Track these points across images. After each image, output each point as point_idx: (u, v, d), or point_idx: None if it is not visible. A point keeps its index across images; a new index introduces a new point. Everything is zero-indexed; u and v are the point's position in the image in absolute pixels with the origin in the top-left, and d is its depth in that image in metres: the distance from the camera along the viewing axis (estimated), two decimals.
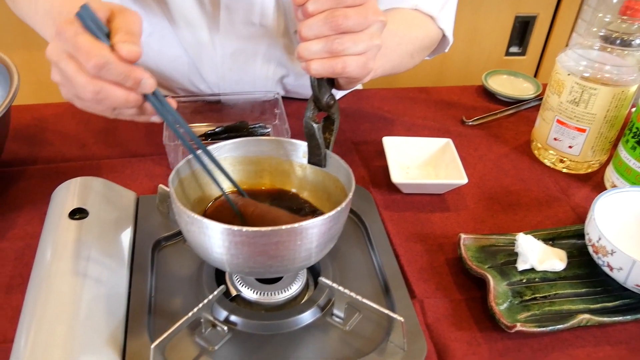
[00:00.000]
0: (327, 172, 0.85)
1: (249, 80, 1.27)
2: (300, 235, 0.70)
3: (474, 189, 1.09)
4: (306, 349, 0.77)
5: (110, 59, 0.67)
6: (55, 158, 1.14)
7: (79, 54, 0.68)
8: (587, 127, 1.07)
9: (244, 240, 0.69)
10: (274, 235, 0.68)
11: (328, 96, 0.81)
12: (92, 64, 0.67)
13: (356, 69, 0.78)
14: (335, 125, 0.84)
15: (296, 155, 0.87)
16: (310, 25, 0.75)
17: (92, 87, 0.69)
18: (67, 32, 0.68)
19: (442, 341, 0.82)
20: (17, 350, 0.72)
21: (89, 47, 0.67)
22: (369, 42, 0.78)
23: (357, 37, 0.77)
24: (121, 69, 0.68)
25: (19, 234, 0.96)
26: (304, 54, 0.76)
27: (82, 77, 0.69)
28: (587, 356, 0.81)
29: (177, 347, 0.77)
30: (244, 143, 0.87)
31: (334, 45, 0.75)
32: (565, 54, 1.08)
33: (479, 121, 1.29)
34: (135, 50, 0.68)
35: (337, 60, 0.76)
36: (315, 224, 0.70)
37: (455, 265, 0.93)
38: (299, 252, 0.72)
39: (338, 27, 0.75)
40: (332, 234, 0.75)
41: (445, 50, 1.25)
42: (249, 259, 0.72)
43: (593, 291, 0.89)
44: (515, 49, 2.43)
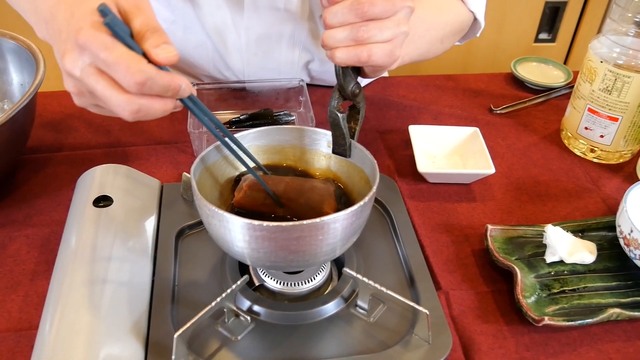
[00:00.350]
0: (352, 163, 0.84)
1: (274, 66, 1.26)
2: (322, 230, 0.68)
3: (502, 179, 1.08)
4: (329, 341, 0.77)
5: (152, 74, 0.60)
6: (81, 145, 1.14)
7: (114, 70, 0.60)
8: (619, 115, 1.05)
9: (265, 235, 0.68)
10: (295, 230, 0.67)
11: (353, 85, 0.80)
12: (134, 82, 0.59)
13: (382, 57, 0.76)
14: (361, 114, 0.83)
15: (320, 144, 0.86)
16: (335, 12, 0.73)
17: (130, 107, 0.62)
18: (94, 45, 0.60)
19: (468, 334, 0.81)
20: (42, 336, 0.72)
21: (128, 63, 0.59)
22: (395, 29, 0.76)
23: (383, 24, 0.74)
24: (163, 81, 0.61)
25: (45, 221, 0.97)
26: (329, 42, 0.75)
27: (118, 96, 0.61)
28: (616, 351, 0.80)
29: (199, 336, 0.76)
30: (267, 132, 0.86)
31: (360, 32, 0.73)
32: (598, 40, 1.06)
33: (508, 109, 1.27)
34: (173, 52, 0.62)
35: (363, 49, 0.74)
36: (337, 219, 0.68)
37: (482, 256, 0.92)
38: (321, 247, 0.71)
39: (364, 15, 0.73)
40: (355, 228, 0.74)
41: (477, 34, 1.22)
42: (270, 254, 0.71)
43: (624, 285, 0.87)
44: (545, 36, 2.39)
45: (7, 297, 0.84)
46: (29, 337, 0.78)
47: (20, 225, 0.95)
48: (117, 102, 0.61)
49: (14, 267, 0.88)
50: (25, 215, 0.97)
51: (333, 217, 0.68)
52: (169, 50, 0.62)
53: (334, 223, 0.69)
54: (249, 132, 0.85)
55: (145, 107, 0.62)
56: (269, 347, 0.76)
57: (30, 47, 1.04)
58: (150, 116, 0.64)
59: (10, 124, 0.90)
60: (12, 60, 1.10)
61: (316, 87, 1.32)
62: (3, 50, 1.09)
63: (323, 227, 0.68)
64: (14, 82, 1.12)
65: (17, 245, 0.92)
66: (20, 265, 0.89)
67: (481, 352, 0.78)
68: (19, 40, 1.06)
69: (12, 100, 1.11)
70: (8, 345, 0.78)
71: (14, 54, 1.09)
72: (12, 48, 1.08)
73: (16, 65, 1.10)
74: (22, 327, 0.80)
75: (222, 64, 1.28)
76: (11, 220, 0.96)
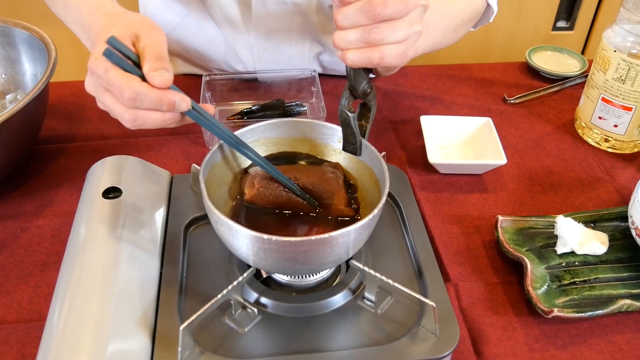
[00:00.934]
0: (362, 161, 0.84)
1: (285, 59, 1.26)
2: (330, 244, 0.69)
3: (514, 170, 1.07)
4: (336, 333, 0.77)
5: (141, 90, 0.69)
6: (93, 135, 1.14)
7: (112, 89, 0.71)
8: (633, 105, 1.03)
9: (273, 247, 0.69)
10: (304, 244, 0.68)
11: (365, 84, 0.78)
12: (126, 97, 0.69)
13: (395, 58, 0.74)
14: (372, 112, 0.82)
15: (331, 139, 0.87)
16: (346, 13, 0.72)
17: (128, 116, 0.72)
18: (98, 70, 0.71)
19: (477, 326, 0.81)
20: (50, 327, 0.73)
21: (119, 82, 0.70)
22: (408, 30, 0.74)
23: (395, 25, 0.73)
24: (153, 96, 0.70)
25: (56, 212, 0.97)
26: (340, 44, 0.74)
27: (119, 108, 0.72)
28: (627, 343, 0.79)
29: (207, 328, 0.77)
30: (279, 124, 0.86)
31: (371, 35, 0.72)
32: (612, 29, 1.04)
33: (521, 99, 1.26)
34: (167, 78, 0.70)
35: (375, 51, 0.73)
36: (347, 233, 0.69)
37: (492, 248, 0.91)
38: (327, 258, 0.72)
39: (376, 17, 0.71)
40: (363, 238, 0.75)
41: (490, 20, 1.20)
42: (277, 263, 0.73)
43: (635, 275, 0.86)
44: (563, 24, 2.36)
45: (18, 287, 0.85)
46: (39, 328, 0.78)
47: (32, 216, 0.96)
48: (119, 112, 0.73)
49: (25, 258, 0.89)
50: (37, 206, 0.98)
51: (341, 232, 0.68)
52: (164, 76, 0.71)
53: (342, 237, 0.69)
54: (260, 124, 0.85)
55: (141, 118, 0.72)
56: (275, 339, 0.76)
57: (43, 38, 1.05)
58: (150, 125, 0.74)
59: (23, 115, 0.91)
60: (25, 50, 1.11)
61: (328, 78, 1.31)
62: (16, 40, 1.10)
63: (331, 242, 0.69)
64: (27, 72, 1.12)
65: (28, 236, 0.93)
66: (31, 256, 0.89)
67: (490, 344, 0.78)
68: (31, 31, 1.07)
69: (25, 91, 1.12)
70: (18, 336, 0.79)
71: (27, 44, 1.09)
72: (25, 38, 1.09)
73: (29, 56, 1.11)
74: (32, 318, 0.81)
75: (233, 59, 1.28)
76: (23, 211, 0.97)
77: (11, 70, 1.13)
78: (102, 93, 0.73)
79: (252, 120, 0.85)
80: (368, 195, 0.83)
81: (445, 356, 0.73)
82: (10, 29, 1.09)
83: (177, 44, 1.29)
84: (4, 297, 0.84)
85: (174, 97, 0.71)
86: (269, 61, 1.26)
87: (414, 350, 0.73)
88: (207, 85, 1.18)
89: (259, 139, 0.86)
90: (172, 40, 1.29)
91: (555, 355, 0.77)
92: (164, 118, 0.73)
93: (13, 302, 0.83)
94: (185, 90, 0.74)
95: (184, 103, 0.72)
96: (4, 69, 1.13)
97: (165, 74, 0.71)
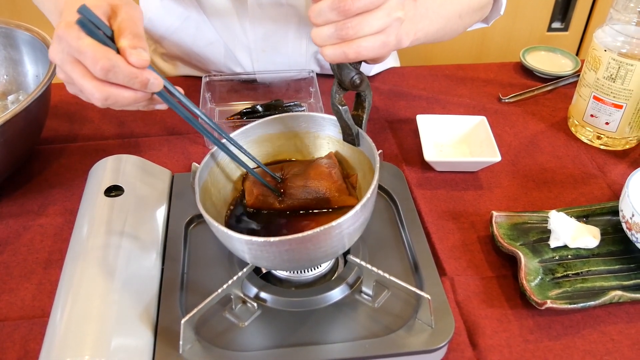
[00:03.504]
0: (361, 152, 0.84)
1: (283, 59, 1.27)
2: (325, 237, 0.69)
3: (509, 167, 1.08)
4: (335, 326, 0.78)
5: (117, 62, 0.66)
6: (94, 135, 1.16)
7: (83, 58, 0.66)
8: (624, 103, 1.05)
9: (268, 248, 0.69)
10: (296, 241, 0.68)
11: (353, 76, 0.77)
12: (99, 67, 0.65)
13: (373, 50, 0.73)
14: (367, 102, 0.82)
15: (332, 130, 0.87)
16: (318, 10, 0.70)
17: (99, 93, 0.68)
18: (69, 37, 0.66)
19: (472, 318, 0.82)
20: (53, 324, 0.74)
21: (94, 51, 0.65)
22: (386, 19, 0.72)
23: (371, 17, 0.71)
24: (128, 71, 0.66)
25: (58, 210, 0.99)
26: (316, 41, 0.72)
27: (88, 82, 0.68)
28: (619, 333, 0.81)
29: (207, 322, 0.78)
30: (279, 120, 0.87)
31: (344, 30, 0.70)
32: (603, 30, 1.06)
33: (516, 98, 1.28)
34: (145, 58, 0.67)
35: (350, 45, 0.71)
36: (340, 224, 0.68)
37: (487, 243, 0.93)
38: (325, 250, 0.72)
39: (347, 12, 0.69)
40: (357, 227, 0.74)
41: (501, 12, 1.18)
42: (273, 261, 0.73)
43: (627, 268, 0.88)
44: (558, 25, 2.38)
45: (21, 285, 0.86)
46: (42, 324, 0.80)
47: (35, 215, 0.97)
48: (89, 88, 0.68)
49: (28, 256, 0.90)
50: (39, 205, 0.99)
51: (334, 224, 0.67)
52: (142, 55, 0.67)
53: (335, 229, 0.69)
54: (262, 120, 0.86)
55: (114, 95, 0.68)
56: (275, 333, 0.77)
57: (45, 39, 1.06)
58: (120, 104, 0.70)
59: (25, 115, 0.92)
60: (27, 52, 1.12)
61: (327, 77, 1.32)
62: (18, 41, 1.12)
63: (325, 235, 0.68)
64: (29, 73, 1.14)
65: (31, 235, 0.94)
66: (34, 254, 0.91)
67: (485, 336, 0.80)
68: (34, 32, 1.08)
69: (27, 92, 1.13)
70: (21, 333, 0.80)
71: (29, 45, 1.11)
72: (28, 40, 1.10)
73: (31, 57, 1.12)
74: (35, 315, 0.82)
75: (233, 61, 1.29)
76: (26, 210, 0.98)
77: (13, 71, 1.14)
78: (71, 63, 0.68)
79: (251, 120, 0.86)
80: (368, 186, 0.83)
81: (441, 347, 0.75)
82: (12, 31, 1.10)
83: (177, 46, 1.30)
84: (7, 295, 0.85)
85: (148, 75, 0.68)
86: (267, 62, 1.27)
87: (411, 341, 0.75)
88: (207, 86, 1.19)
89: (261, 135, 0.87)
90: (172, 43, 1.30)
91: (549, 345, 0.79)
92: (135, 98, 0.69)
93: (16, 300, 0.84)
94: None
95: (157, 82, 0.69)
96: (6, 70, 1.15)
97: (143, 53, 0.67)
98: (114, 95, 0.68)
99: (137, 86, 0.68)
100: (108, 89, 0.68)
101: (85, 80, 0.68)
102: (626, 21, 1.01)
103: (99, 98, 0.68)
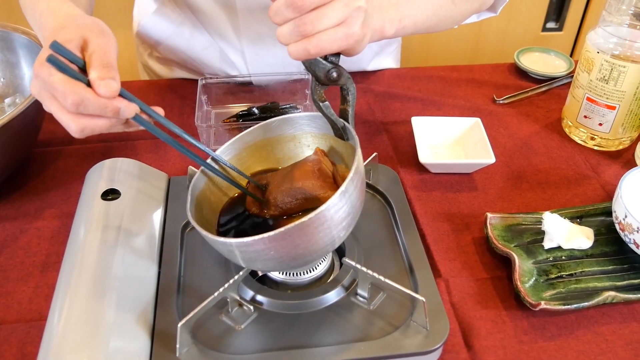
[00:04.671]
0: (351, 146, 0.82)
1: (277, 61, 1.27)
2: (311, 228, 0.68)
3: (503, 168, 1.09)
4: (330, 328, 0.78)
5: (86, 96, 0.67)
6: (91, 138, 1.15)
7: (56, 94, 0.69)
8: (616, 104, 1.06)
9: (256, 247, 0.68)
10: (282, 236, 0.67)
11: (329, 70, 0.76)
12: (70, 102, 0.67)
13: (335, 42, 0.72)
14: (351, 95, 0.80)
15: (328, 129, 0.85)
16: (275, 9, 0.70)
17: (75, 126, 0.70)
18: (42, 74, 0.69)
19: (467, 320, 0.83)
20: (50, 326, 0.74)
21: (63, 87, 0.67)
22: (344, 9, 0.71)
23: (327, 9, 0.70)
24: (98, 103, 0.68)
25: (55, 213, 0.99)
26: (280, 40, 0.72)
27: (65, 115, 0.70)
28: (612, 333, 0.81)
29: (204, 325, 0.78)
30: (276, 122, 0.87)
31: (301, 27, 0.70)
32: (595, 32, 1.07)
33: (510, 99, 1.28)
34: (114, 87, 0.68)
35: (310, 41, 0.70)
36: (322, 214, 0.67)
37: (482, 244, 0.94)
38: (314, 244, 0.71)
39: (301, 8, 0.69)
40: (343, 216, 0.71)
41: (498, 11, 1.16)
42: (266, 261, 0.72)
43: (620, 268, 0.89)
44: (552, 25, 2.39)
45: (18, 288, 0.87)
46: (39, 327, 0.80)
47: (32, 218, 0.98)
48: (65, 121, 0.71)
49: (25, 259, 0.91)
50: (36, 208, 1.00)
51: (317, 212, 0.66)
52: (111, 86, 0.68)
53: (319, 219, 0.68)
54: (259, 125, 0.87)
55: (89, 126, 0.71)
56: (271, 336, 0.78)
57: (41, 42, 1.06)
58: (97, 132, 0.72)
59: (22, 118, 0.93)
60: (24, 55, 1.12)
61: None
62: (15, 45, 1.12)
63: (310, 226, 0.68)
64: (25, 76, 1.14)
65: (28, 238, 0.94)
66: (31, 257, 0.91)
67: (480, 337, 0.80)
68: (30, 36, 1.09)
69: (24, 95, 1.13)
70: (18, 336, 0.80)
71: (26, 48, 1.11)
72: (25, 43, 1.10)
73: (28, 60, 1.12)
74: (32, 318, 0.83)
75: (228, 65, 1.29)
76: (23, 213, 0.99)
77: (10, 74, 1.14)
78: (48, 99, 0.71)
79: (248, 123, 0.86)
80: None
81: (436, 349, 0.75)
82: (9, 34, 1.11)
83: (172, 51, 1.30)
84: (4, 298, 0.85)
85: (118, 104, 0.69)
86: (262, 65, 1.28)
87: (406, 343, 0.75)
88: (203, 89, 1.20)
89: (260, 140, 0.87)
90: (167, 48, 1.30)
91: (543, 346, 0.80)
92: (110, 123, 0.71)
93: (13, 303, 0.85)
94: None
95: (129, 110, 0.70)
96: (3, 72, 1.15)
97: (112, 83, 0.68)
98: (89, 126, 0.70)
99: (110, 115, 0.69)
100: (82, 121, 0.70)
101: (62, 114, 0.70)
102: (618, 23, 1.02)
103: (75, 130, 0.71)
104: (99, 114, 0.69)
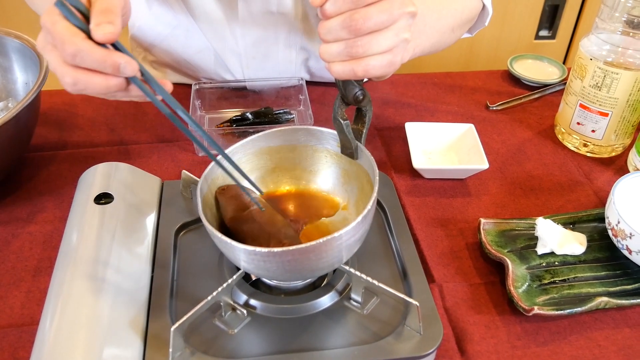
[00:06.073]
0: (360, 165, 0.85)
1: (273, 66, 1.28)
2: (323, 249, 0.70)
3: (496, 174, 1.09)
4: (324, 333, 0.78)
5: (83, 46, 0.64)
6: (84, 143, 1.16)
7: (57, 43, 0.65)
8: (609, 111, 1.06)
9: (271, 259, 0.70)
10: (299, 252, 0.69)
11: (356, 92, 0.79)
12: (67, 52, 0.64)
13: (380, 69, 0.74)
14: (367, 117, 0.83)
15: (330, 144, 0.88)
16: (328, 28, 0.71)
17: (69, 78, 0.67)
18: (47, 22, 0.66)
19: (461, 325, 0.83)
20: (43, 331, 0.74)
21: (63, 35, 0.64)
22: (394, 39, 0.73)
23: (380, 36, 0.72)
24: (96, 55, 0.64)
25: (48, 218, 0.99)
26: (325, 57, 0.73)
27: (61, 67, 0.67)
28: (605, 338, 0.82)
29: (197, 329, 0.78)
30: (281, 132, 0.88)
31: (354, 49, 0.71)
32: (588, 39, 1.07)
33: (503, 106, 1.29)
34: (110, 31, 0.64)
35: (359, 63, 0.72)
36: (340, 236, 0.70)
37: (475, 249, 0.94)
38: (324, 262, 0.73)
39: (358, 31, 0.70)
40: (357, 239, 0.75)
41: (485, 23, 1.19)
42: (275, 271, 0.74)
43: (613, 274, 0.89)
44: (545, 33, 2.40)
45: (9, 293, 0.86)
46: (31, 332, 0.80)
47: (24, 223, 0.97)
48: (60, 72, 0.67)
49: (17, 264, 0.90)
50: (28, 212, 0.99)
51: (336, 235, 0.69)
52: (106, 29, 0.64)
53: (337, 240, 0.70)
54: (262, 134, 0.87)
55: (83, 81, 0.66)
56: (265, 340, 0.78)
57: (34, 47, 1.06)
58: (91, 90, 0.67)
59: (15, 122, 0.92)
60: (17, 59, 1.12)
61: (316, 85, 1.33)
62: (8, 49, 1.11)
63: (326, 246, 0.70)
64: (18, 81, 1.14)
65: (20, 242, 0.94)
66: (23, 262, 0.91)
67: (474, 342, 0.80)
68: (23, 40, 1.08)
69: (16, 99, 1.13)
70: (10, 341, 0.80)
71: (18, 53, 1.11)
72: (17, 47, 1.10)
73: (20, 65, 1.12)
74: (24, 323, 0.82)
75: (223, 68, 1.29)
76: (15, 217, 0.98)
77: (2, 78, 1.14)
78: (49, 51, 0.67)
79: (241, 128, 0.86)
80: (366, 198, 0.84)
81: (430, 354, 0.75)
82: (2, 38, 1.10)
83: (167, 54, 1.30)
84: None
85: (119, 59, 0.65)
86: (258, 69, 1.28)
87: (399, 348, 0.75)
88: (197, 94, 1.20)
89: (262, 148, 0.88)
90: (162, 50, 1.30)
91: (536, 351, 0.80)
92: (107, 84, 0.67)
93: (5, 307, 0.84)
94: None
95: (130, 66, 0.66)
96: None
97: (107, 27, 0.64)
98: (82, 80, 0.66)
99: (109, 70, 0.65)
100: (77, 74, 0.66)
101: (59, 65, 0.67)
102: (611, 30, 1.03)
103: (67, 82, 0.67)
104: (97, 68, 0.65)
